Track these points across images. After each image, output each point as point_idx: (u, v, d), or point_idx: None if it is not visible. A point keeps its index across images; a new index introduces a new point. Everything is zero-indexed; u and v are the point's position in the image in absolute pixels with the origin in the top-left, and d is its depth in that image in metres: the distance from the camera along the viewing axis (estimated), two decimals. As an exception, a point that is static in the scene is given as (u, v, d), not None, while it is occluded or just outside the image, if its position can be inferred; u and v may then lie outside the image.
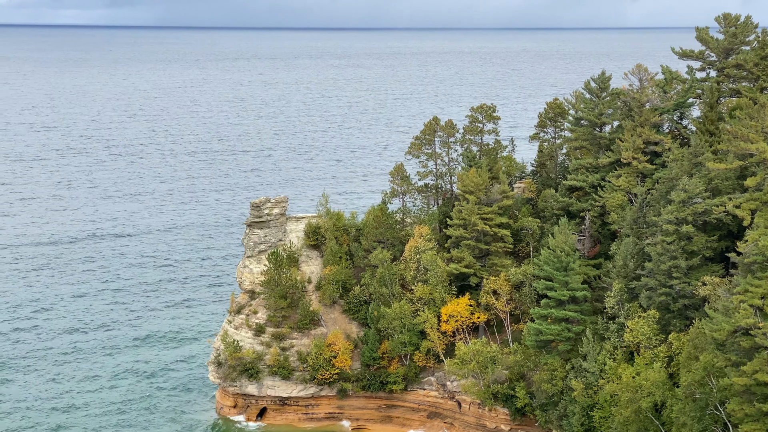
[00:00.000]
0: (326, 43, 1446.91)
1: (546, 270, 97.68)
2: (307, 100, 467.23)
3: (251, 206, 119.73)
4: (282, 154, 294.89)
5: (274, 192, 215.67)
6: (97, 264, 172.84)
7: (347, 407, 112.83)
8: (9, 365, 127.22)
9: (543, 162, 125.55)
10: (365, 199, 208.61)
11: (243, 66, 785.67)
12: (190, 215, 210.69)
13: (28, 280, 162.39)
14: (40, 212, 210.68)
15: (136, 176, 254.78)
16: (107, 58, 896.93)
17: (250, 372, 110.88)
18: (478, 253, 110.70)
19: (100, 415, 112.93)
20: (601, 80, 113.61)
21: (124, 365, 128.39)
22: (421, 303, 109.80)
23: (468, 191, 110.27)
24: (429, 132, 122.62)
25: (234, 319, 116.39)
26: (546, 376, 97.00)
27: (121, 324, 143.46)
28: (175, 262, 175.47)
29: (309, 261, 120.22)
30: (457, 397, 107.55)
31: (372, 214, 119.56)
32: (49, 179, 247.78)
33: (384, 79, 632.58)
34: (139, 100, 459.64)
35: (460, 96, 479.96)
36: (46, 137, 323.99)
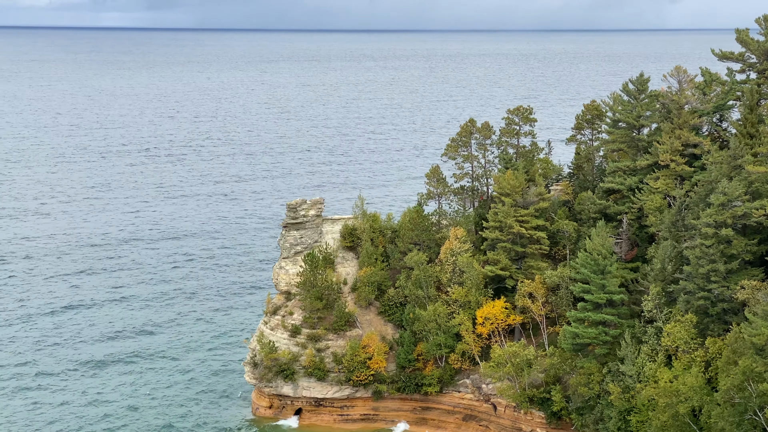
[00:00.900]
0: (364, 45, 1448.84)
1: (583, 273, 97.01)
2: (345, 102, 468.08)
3: (287, 208, 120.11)
4: (319, 155, 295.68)
5: (311, 193, 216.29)
6: (135, 264, 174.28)
7: (382, 409, 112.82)
8: (47, 368, 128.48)
9: (580, 164, 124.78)
10: (401, 201, 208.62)
11: (281, 68, 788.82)
12: (227, 216, 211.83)
13: (68, 282, 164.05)
14: (79, 213, 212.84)
15: (174, 178, 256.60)
16: (146, 61, 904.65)
17: (285, 373, 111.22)
18: (514, 255, 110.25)
19: (135, 414, 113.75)
20: (640, 82, 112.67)
21: (159, 365, 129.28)
22: (457, 305, 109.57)
23: (504, 193, 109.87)
24: (465, 134, 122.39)
25: (270, 320, 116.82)
26: (582, 379, 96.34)
27: (157, 324, 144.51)
28: (211, 263, 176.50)
29: (345, 262, 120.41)
30: (493, 400, 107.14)
31: (408, 215, 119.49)
32: (88, 181, 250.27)
33: (421, 81, 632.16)
34: (178, 102, 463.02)
35: (497, 98, 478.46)
36: (86, 139, 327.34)
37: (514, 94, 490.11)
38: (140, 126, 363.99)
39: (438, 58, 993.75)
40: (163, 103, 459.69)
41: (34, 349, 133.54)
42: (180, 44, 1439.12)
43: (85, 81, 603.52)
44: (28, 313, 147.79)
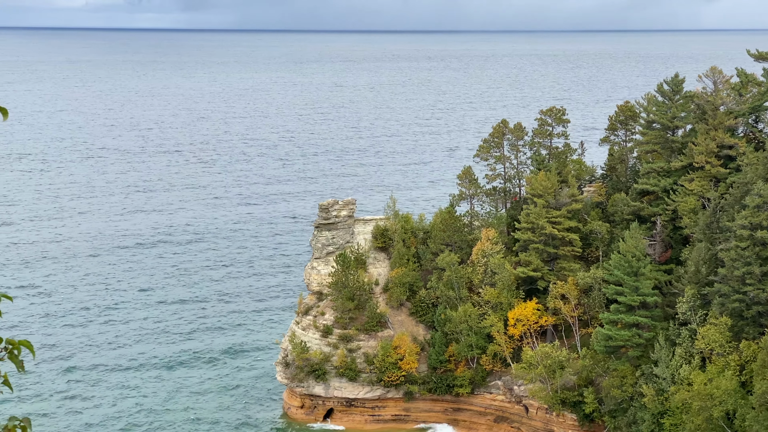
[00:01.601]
0: (397, 46, 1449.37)
1: (616, 275, 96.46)
2: (378, 103, 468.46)
3: (319, 208, 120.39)
4: (351, 156, 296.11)
5: (343, 194, 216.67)
6: (167, 264, 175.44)
7: (413, 410, 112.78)
8: (82, 369, 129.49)
9: (613, 165, 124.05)
10: (433, 202, 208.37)
11: (314, 69, 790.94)
12: (259, 217, 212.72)
13: (102, 284, 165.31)
14: (114, 215, 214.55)
15: (208, 179, 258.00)
16: (181, 62, 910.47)
17: (317, 373, 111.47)
18: (546, 256, 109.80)
19: (167, 414, 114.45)
20: (674, 83, 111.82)
21: (189, 364, 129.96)
22: (488, 306, 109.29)
23: (536, 194, 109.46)
24: (497, 135, 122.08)
25: (302, 320, 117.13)
26: (615, 381, 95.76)
27: (188, 323, 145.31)
28: (244, 262, 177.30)
29: (376, 263, 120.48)
30: (525, 402, 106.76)
31: (440, 216, 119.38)
32: (123, 182, 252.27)
33: (454, 81, 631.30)
34: (212, 103, 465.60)
35: (530, 99, 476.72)
36: (121, 140, 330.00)
37: (547, 95, 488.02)
38: (175, 127, 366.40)
39: (471, 59, 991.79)
40: (197, 104, 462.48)
41: (70, 350, 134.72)
42: (214, 45, 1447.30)
43: (120, 82, 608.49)
44: (63, 313, 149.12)
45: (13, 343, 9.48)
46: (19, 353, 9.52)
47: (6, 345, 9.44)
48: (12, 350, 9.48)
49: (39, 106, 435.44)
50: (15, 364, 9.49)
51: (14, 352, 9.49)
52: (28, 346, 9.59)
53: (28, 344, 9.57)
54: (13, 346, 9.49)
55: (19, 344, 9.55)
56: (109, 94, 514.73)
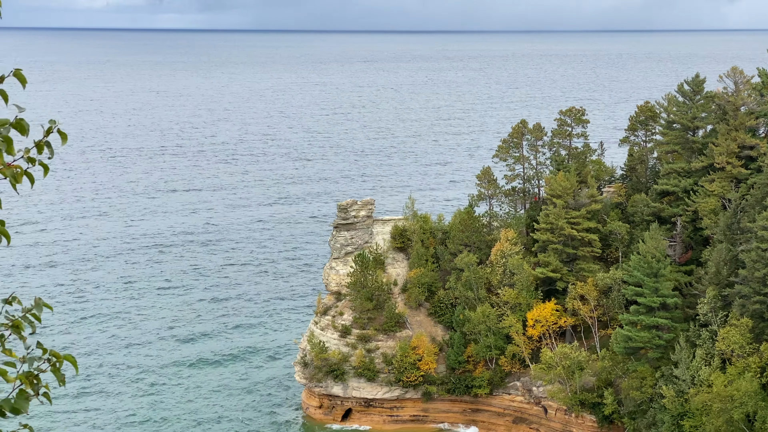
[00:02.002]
0: (416, 47, 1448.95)
1: (636, 276, 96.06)
2: (397, 104, 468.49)
3: (338, 208, 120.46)
4: (370, 156, 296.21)
5: (362, 194, 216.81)
6: (187, 263, 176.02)
7: (432, 410, 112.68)
8: (104, 371, 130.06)
9: (633, 166, 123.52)
10: (452, 202, 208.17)
11: (333, 69, 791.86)
12: (278, 216, 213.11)
13: (122, 284, 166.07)
14: (135, 215, 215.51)
15: (228, 179, 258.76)
16: (201, 62, 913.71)
17: (335, 373, 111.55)
18: (566, 257, 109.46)
19: (184, 413, 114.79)
20: (695, 83, 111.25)
21: (208, 364, 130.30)
22: (507, 307, 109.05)
23: (556, 195, 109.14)
24: (517, 135, 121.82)
25: (320, 320, 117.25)
26: (635, 383, 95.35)
27: (207, 323, 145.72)
28: (262, 262, 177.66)
29: (395, 263, 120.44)
30: (543, 403, 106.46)
31: (458, 217, 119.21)
32: (144, 182, 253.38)
33: (474, 82, 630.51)
34: (231, 103, 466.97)
35: (549, 99, 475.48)
36: (142, 140, 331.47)
37: (567, 95, 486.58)
38: (195, 127, 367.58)
39: (490, 59, 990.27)
40: (217, 104, 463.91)
41: (91, 348, 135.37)
42: (233, 46, 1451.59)
43: (141, 82, 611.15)
44: (84, 313, 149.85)
45: (57, 356, 9.55)
46: (61, 365, 9.59)
47: (49, 356, 9.50)
48: (55, 363, 9.54)
49: (60, 107, 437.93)
50: (57, 377, 9.56)
51: (57, 365, 9.55)
52: (71, 360, 9.64)
53: (71, 359, 9.63)
54: (56, 358, 9.54)
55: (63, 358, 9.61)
56: (129, 94, 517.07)
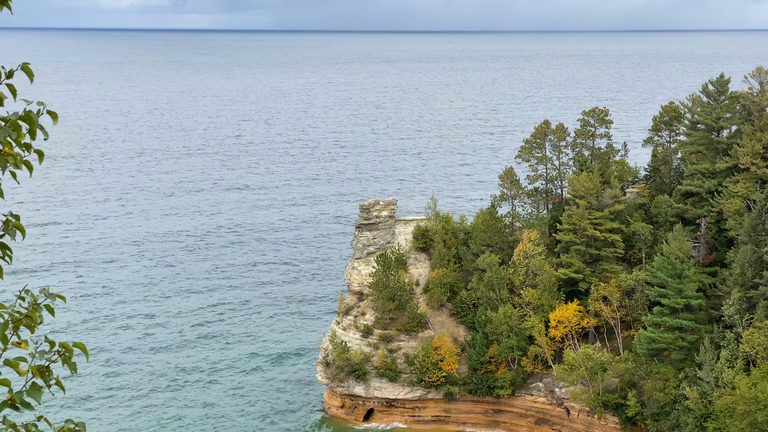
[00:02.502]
0: (439, 47, 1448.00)
1: (659, 277, 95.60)
2: (420, 104, 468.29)
3: (360, 208, 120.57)
4: (393, 156, 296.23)
5: (384, 194, 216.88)
6: (210, 263, 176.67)
7: (454, 411, 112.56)
8: (125, 372, 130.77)
9: (657, 167, 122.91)
10: (474, 203, 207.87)
11: (357, 69, 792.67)
12: (300, 216, 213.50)
13: (145, 282, 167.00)
14: (158, 213, 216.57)
15: (250, 178, 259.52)
16: (225, 62, 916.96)
17: (357, 373, 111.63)
18: (588, 258, 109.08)
19: (204, 414, 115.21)
20: (720, 83, 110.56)
21: (231, 364, 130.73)
22: (529, 308, 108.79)
23: (578, 196, 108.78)
24: (539, 136, 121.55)
25: (342, 320, 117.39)
26: (658, 384, 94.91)
27: (230, 322, 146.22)
28: (284, 262, 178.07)
29: (417, 263, 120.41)
30: (566, 404, 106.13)
31: (481, 217, 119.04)
32: (168, 181, 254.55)
33: (496, 82, 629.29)
34: (255, 103, 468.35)
35: (573, 99, 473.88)
36: (166, 140, 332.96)
37: (591, 96, 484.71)
38: (218, 127, 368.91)
39: (513, 59, 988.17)
40: (240, 104, 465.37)
41: (112, 348, 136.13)
42: (255, 46, 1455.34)
43: (165, 82, 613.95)
44: (107, 312, 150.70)
45: (66, 347, 9.72)
46: (71, 356, 9.74)
47: (59, 348, 9.66)
48: (64, 353, 9.70)
49: (85, 107, 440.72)
50: (68, 366, 9.72)
51: (67, 355, 9.72)
52: (81, 348, 9.81)
53: (81, 346, 9.79)
54: (65, 349, 9.71)
55: (72, 347, 9.78)
56: (153, 94, 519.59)
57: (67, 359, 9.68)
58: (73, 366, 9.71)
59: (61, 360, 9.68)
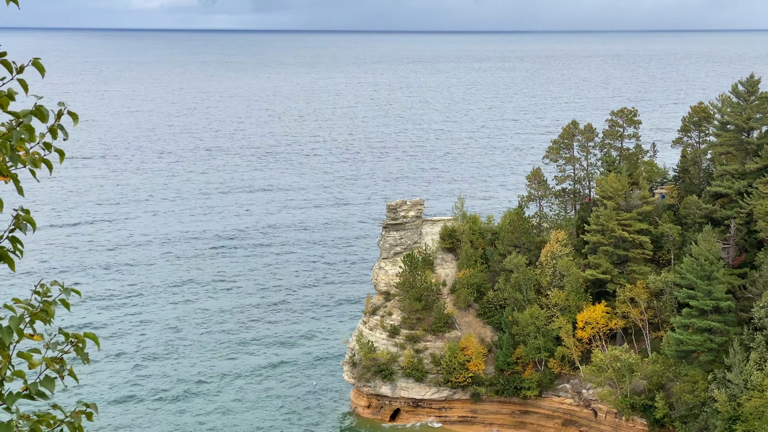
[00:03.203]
0: (468, 47, 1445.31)
1: (688, 278, 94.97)
2: (448, 104, 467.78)
3: (387, 208, 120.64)
4: (420, 156, 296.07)
5: (411, 194, 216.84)
6: (237, 263, 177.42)
7: (480, 411, 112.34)
8: (150, 371, 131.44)
9: (686, 167, 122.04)
10: (501, 203, 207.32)
11: (385, 69, 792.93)
12: (328, 216, 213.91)
13: (174, 282, 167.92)
14: (187, 213, 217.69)
15: (280, 177, 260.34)
16: (254, 62, 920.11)
17: (384, 373, 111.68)
18: (616, 259, 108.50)
19: (232, 413, 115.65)
20: (750, 83, 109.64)
21: (258, 362, 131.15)
22: (557, 309, 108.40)
23: (606, 196, 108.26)
24: (567, 136, 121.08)
25: (369, 320, 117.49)
26: (687, 386, 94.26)
27: (257, 322, 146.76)
28: (311, 262, 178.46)
29: (444, 264, 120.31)
30: (593, 406, 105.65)
31: (508, 218, 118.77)
32: (196, 181, 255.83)
33: (525, 82, 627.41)
34: (284, 103, 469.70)
35: (601, 99, 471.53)
36: (195, 139, 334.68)
37: (620, 96, 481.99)
38: (248, 127, 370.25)
39: (543, 60, 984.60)
40: (269, 104, 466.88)
41: (140, 352, 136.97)
42: (285, 46, 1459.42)
43: (194, 82, 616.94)
44: (135, 315, 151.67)
45: (78, 337, 9.96)
46: (84, 346, 9.97)
47: (72, 339, 9.90)
48: (77, 344, 9.94)
49: (115, 107, 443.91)
50: (81, 357, 9.94)
51: (80, 346, 9.96)
52: (93, 338, 10.03)
53: (93, 336, 10.02)
54: (78, 339, 9.94)
55: (84, 337, 10.01)
56: (182, 94, 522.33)
57: (79, 350, 9.91)
58: (85, 356, 9.92)
59: (74, 350, 9.91)
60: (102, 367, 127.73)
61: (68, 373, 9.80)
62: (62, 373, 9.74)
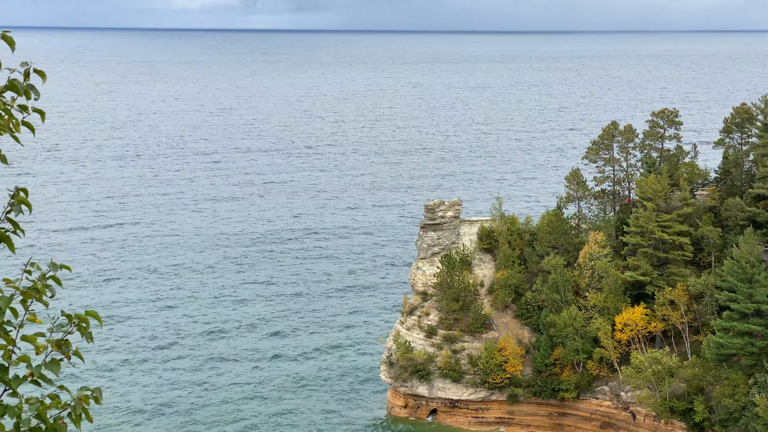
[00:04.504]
0: (508, 47, 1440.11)
1: (729, 281, 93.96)
2: (488, 104, 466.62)
3: (425, 208, 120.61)
4: (460, 156, 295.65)
5: (449, 194, 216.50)
6: (275, 260, 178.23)
7: (517, 413, 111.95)
8: (192, 364, 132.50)
9: (728, 169, 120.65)
10: (540, 204, 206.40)
11: (425, 69, 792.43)
12: (365, 215, 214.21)
13: (208, 277, 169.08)
14: (225, 210, 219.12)
15: (320, 175, 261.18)
16: (294, 61, 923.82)
17: (421, 373, 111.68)
18: (656, 261, 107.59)
19: (269, 413, 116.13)
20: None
21: (294, 361, 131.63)
22: (595, 310, 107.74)
23: (646, 198, 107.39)
24: (607, 137, 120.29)
25: (406, 320, 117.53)
26: (727, 390, 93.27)
27: (294, 322, 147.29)
28: (349, 261, 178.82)
29: (482, 264, 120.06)
30: (632, 408, 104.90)
31: (546, 218, 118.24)
32: (235, 178, 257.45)
33: (567, 82, 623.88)
34: (324, 102, 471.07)
35: (643, 100, 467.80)
36: (236, 138, 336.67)
37: (662, 97, 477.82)
38: (288, 127, 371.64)
39: (584, 60, 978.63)
40: (309, 103, 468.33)
41: (176, 346, 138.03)
42: (325, 45, 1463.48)
43: (236, 82, 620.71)
44: (172, 308, 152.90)
45: (81, 317, 10.06)
46: (87, 326, 10.06)
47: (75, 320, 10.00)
48: (80, 323, 10.04)
49: (158, 106, 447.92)
50: (84, 336, 10.05)
51: (83, 325, 10.05)
52: (95, 316, 10.14)
53: (95, 314, 10.12)
54: (80, 320, 10.04)
55: (86, 316, 10.12)
56: (224, 93, 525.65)
57: (83, 329, 9.99)
58: (89, 335, 10.02)
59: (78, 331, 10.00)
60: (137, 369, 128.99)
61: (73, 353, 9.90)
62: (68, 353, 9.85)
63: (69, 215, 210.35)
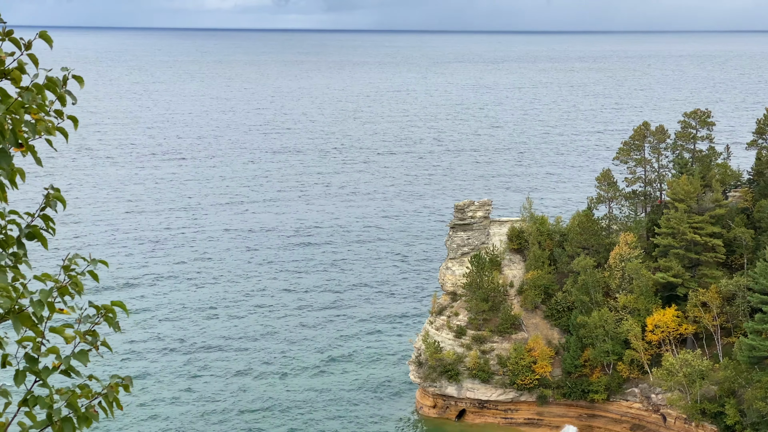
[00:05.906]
0: (540, 47, 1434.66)
1: (762, 283, 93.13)
2: (520, 104, 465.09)
3: (455, 208, 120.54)
4: (490, 156, 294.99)
5: (479, 195, 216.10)
6: (303, 259, 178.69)
7: (547, 414, 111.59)
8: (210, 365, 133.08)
9: (761, 170, 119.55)
10: (570, 204, 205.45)
11: (456, 69, 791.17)
12: (395, 215, 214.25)
13: (236, 276, 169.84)
14: (257, 209, 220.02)
15: (350, 175, 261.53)
16: (325, 62, 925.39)
17: (450, 373, 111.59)
18: (688, 262, 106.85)
19: (300, 412, 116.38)
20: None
21: (323, 361, 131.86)
22: (625, 312, 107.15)
23: (678, 199, 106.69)
24: (638, 137, 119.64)
25: (435, 320, 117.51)
26: (759, 393, 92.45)
27: (323, 321, 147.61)
28: (378, 260, 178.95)
29: (511, 265, 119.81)
30: (662, 411, 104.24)
31: (577, 219, 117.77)
32: (268, 178, 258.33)
33: (598, 83, 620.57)
34: (356, 102, 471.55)
35: (675, 100, 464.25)
36: (269, 137, 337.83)
37: (695, 97, 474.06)
38: (320, 125, 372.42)
39: (616, 60, 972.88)
40: (341, 102, 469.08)
41: (202, 344, 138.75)
42: (357, 45, 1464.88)
43: (268, 81, 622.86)
44: (200, 308, 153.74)
45: (108, 308, 10.22)
46: (114, 316, 10.23)
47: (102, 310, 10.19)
48: (107, 314, 10.21)
49: (190, 105, 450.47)
50: (113, 326, 10.24)
51: (109, 316, 10.22)
52: (121, 306, 10.31)
53: (121, 304, 10.30)
54: (107, 310, 10.19)
55: (112, 307, 10.27)
56: (256, 93, 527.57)
57: (110, 320, 10.18)
58: (116, 325, 10.21)
59: (106, 321, 10.18)
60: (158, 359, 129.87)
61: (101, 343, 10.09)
62: (96, 344, 10.04)
63: (101, 216, 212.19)
